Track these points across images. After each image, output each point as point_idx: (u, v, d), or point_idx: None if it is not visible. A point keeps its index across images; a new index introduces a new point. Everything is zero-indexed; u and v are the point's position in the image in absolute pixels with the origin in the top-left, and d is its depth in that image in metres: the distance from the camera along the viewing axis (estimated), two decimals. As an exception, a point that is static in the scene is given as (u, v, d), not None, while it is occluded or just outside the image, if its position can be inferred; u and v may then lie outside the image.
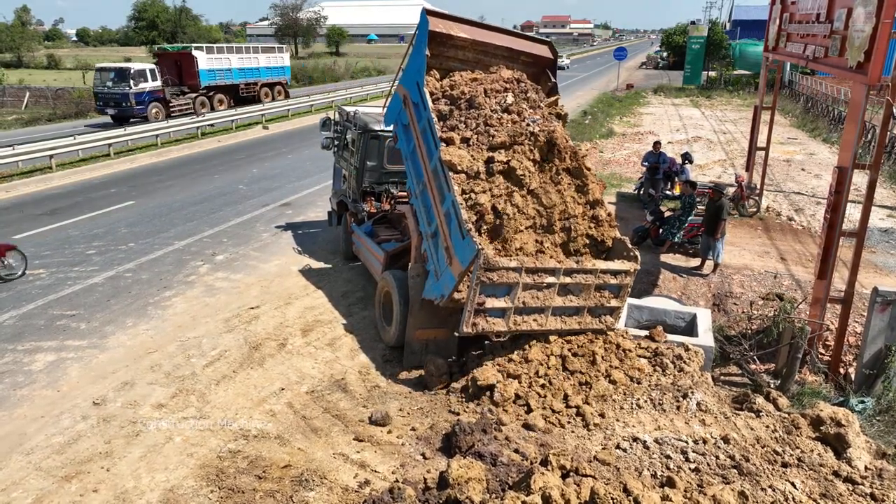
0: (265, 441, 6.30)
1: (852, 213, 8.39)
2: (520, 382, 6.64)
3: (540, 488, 4.40)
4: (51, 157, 19.33)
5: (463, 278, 6.88)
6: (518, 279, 6.51)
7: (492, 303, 6.51)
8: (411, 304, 7.71)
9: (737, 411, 6.43)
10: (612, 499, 4.15)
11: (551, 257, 6.89)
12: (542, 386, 6.63)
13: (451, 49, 8.09)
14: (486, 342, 7.37)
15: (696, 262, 10.98)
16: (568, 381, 6.68)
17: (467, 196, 6.98)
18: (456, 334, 6.58)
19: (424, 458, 5.88)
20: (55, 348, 8.33)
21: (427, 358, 7.40)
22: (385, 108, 9.08)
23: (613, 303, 7.12)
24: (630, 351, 7.11)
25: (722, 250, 10.56)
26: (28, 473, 5.89)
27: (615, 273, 6.99)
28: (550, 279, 6.69)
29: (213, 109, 29.51)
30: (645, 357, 7.14)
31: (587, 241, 7.36)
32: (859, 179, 10.08)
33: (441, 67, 8.13)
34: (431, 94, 7.72)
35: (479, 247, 6.35)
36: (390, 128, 10.69)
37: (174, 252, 11.97)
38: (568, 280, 6.79)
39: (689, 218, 11.37)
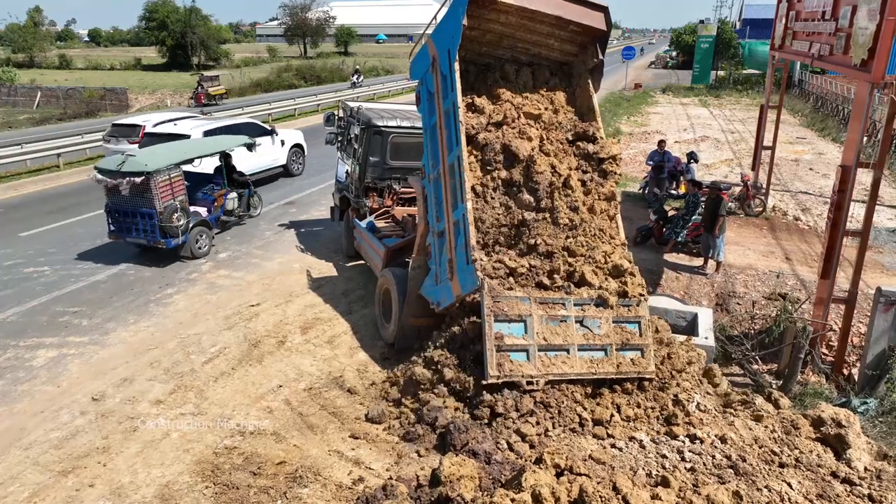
0: (261, 438, 6.31)
1: (858, 213, 8.30)
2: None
3: (531, 486, 4.36)
4: (58, 155, 19.53)
5: (461, 301, 6.83)
6: (529, 309, 6.25)
7: (511, 340, 6.15)
8: (409, 293, 7.70)
9: (736, 411, 6.37)
10: (601, 497, 4.12)
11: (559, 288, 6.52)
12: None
13: (492, 13, 7.22)
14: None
15: (699, 261, 10.90)
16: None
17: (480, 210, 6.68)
18: (483, 382, 6.10)
19: (419, 455, 5.87)
20: (56, 344, 8.39)
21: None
22: (411, 58, 8.39)
23: (638, 340, 6.51)
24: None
25: (723, 248, 10.49)
26: (26, 468, 5.94)
27: (626, 304, 6.59)
28: (563, 311, 6.40)
29: None
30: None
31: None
32: (867, 179, 9.98)
33: (479, 28, 7.34)
34: (472, 128, 7.03)
35: (482, 280, 6.20)
36: (394, 124, 10.73)
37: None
38: (580, 312, 6.43)
39: (693, 217, 11.30)
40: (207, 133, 15.25)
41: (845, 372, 7.70)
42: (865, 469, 5.39)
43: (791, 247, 11.81)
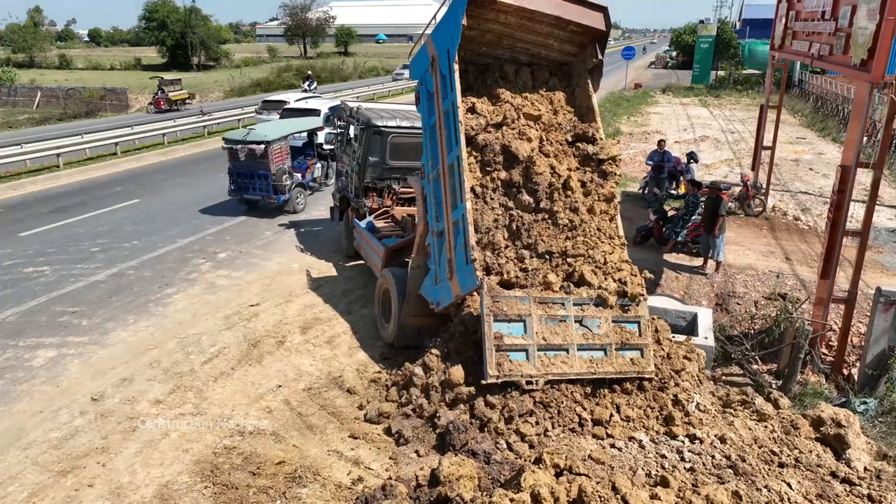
0: (260, 438, 6.30)
1: (858, 213, 8.28)
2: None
3: (530, 486, 4.36)
4: (58, 155, 19.52)
5: (460, 302, 6.81)
6: (529, 309, 6.23)
7: (511, 340, 6.12)
8: (408, 293, 7.70)
9: (735, 411, 6.36)
10: (600, 497, 4.11)
11: (560, 288, 6.48)
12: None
13: (491, 13, 7.09)
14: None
15: (699, 261, 10.90)
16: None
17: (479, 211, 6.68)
18: (483, 382, 6.07)
19: (418, 455, 5.86)
20: (56, 344, 8.38)
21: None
22: (410, 58, 8.38)
23: (638, 340, 6.46)
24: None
25: (722, 248, 10.48)
26: (25, 468, 5.93)
27: (626, 304, 6.55)
28: (562, 311, 6.37)
29: None
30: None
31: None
32: (867, 179, 9.97)
33: (478, 28, 7.28)
34: (471, 129, 7.05)
35: (481, 280, 6.20)
36: (393, 124, 10.73)
37: (177, 250, 12.02)
38: (580, 312, 6.40)
39: (693, 217, 11.29)
40: (332, 108, 18.26)
41: (845, 372, 7.69)
42: (865, 469, 5.38)
43: (791, 247, 11.81)
